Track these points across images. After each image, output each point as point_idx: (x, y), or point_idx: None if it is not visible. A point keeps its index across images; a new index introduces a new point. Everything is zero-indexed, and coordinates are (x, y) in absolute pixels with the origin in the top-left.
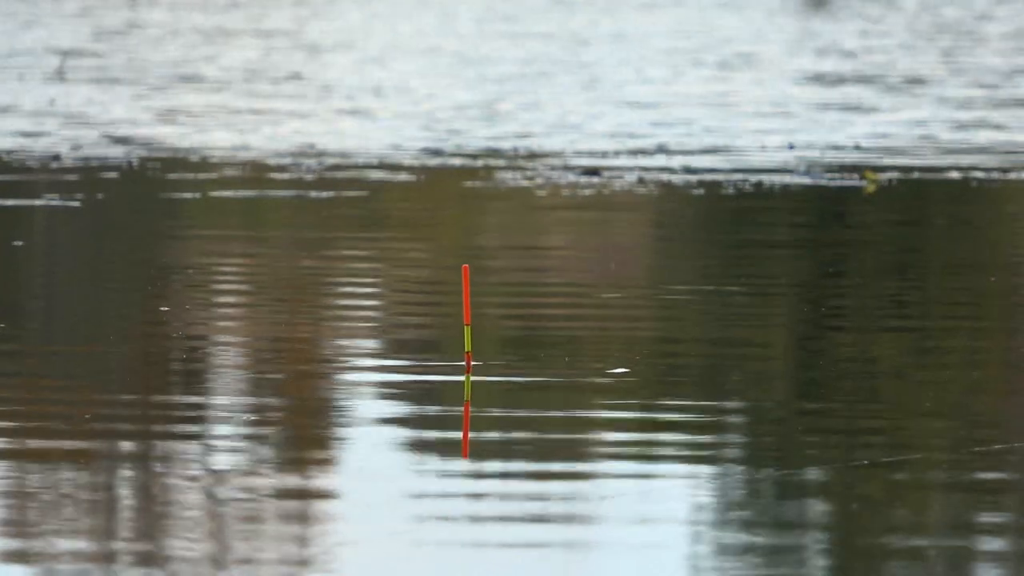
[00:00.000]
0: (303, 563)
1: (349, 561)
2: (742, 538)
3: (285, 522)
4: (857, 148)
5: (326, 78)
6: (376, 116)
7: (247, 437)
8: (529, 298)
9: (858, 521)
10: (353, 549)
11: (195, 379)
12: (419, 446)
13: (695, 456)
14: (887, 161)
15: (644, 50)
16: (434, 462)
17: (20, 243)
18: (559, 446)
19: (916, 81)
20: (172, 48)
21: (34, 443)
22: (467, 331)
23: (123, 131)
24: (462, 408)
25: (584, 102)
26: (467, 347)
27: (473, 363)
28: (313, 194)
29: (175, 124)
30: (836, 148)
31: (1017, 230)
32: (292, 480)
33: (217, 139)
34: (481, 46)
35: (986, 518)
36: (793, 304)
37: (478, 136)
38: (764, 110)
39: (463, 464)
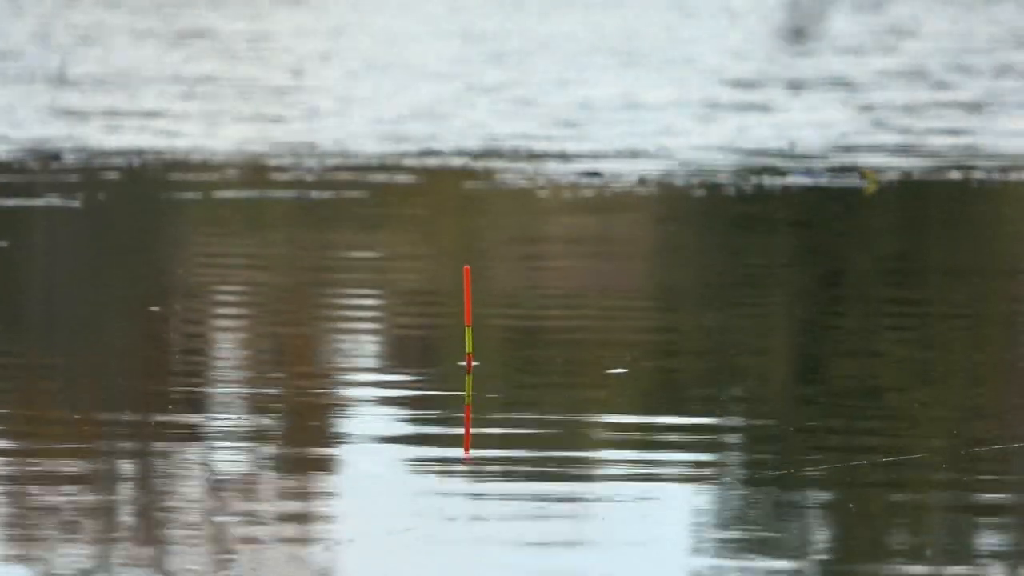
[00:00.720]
0: (303, 563)
1: (348, 561)
2: (742, 550)
3: (285, 525)
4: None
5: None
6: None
7: (246, 438)
8: (528, 299)
9: (857, 530)
10: (352, 549)
11: (194, 378)
12: (420, 447)
13: (694, 464)
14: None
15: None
16: (435, 463)
17: (5, 244)
18: (559, 451)
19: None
20: (130, 50)
21: (32, 447)
22: (468, 332)
23: (116, 132)
24: (463, 410)
25: (582, 102)
26: (468, 348)
27: (473, 364)
28: (314, 194)
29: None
30: (836, 149)
31: (1019, 232)
32: (291, 481)
33: (212, 141)
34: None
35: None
36: (794, 307)
37: (476, 136)
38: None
39: (464, 466)
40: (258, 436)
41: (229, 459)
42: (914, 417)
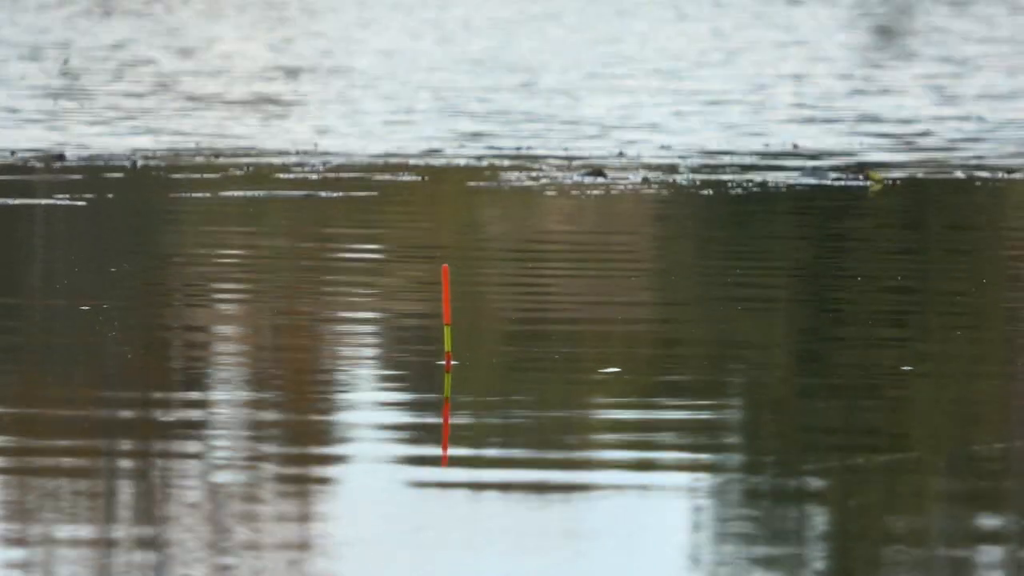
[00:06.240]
0: (303, 559)
1: (346, 557)
2: (739, 543)
3: (284, 516)
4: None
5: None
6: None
7: (244, 438)
8: (529, 299)
9: (856, 525)
10: (350, 545)
11: (193, 377)
12: (400, 444)
13: (692, 460)
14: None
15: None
16: (422, 459)
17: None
18: (554, 447)
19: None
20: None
21: (33, 442)
22: (447, 331)
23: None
24: (441, 408)
25: (587, 103)
26: (447, 347)
27: (470, 362)
28: (323, 194)
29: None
30: (838, 149)
31: (1020, 231)
32: (288, 479)
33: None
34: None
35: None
36: (795, 306)
37: (480, 136)
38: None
39: (444, 461)
40: (249, 435)
41: (227, 460)
42: (914, 414)
